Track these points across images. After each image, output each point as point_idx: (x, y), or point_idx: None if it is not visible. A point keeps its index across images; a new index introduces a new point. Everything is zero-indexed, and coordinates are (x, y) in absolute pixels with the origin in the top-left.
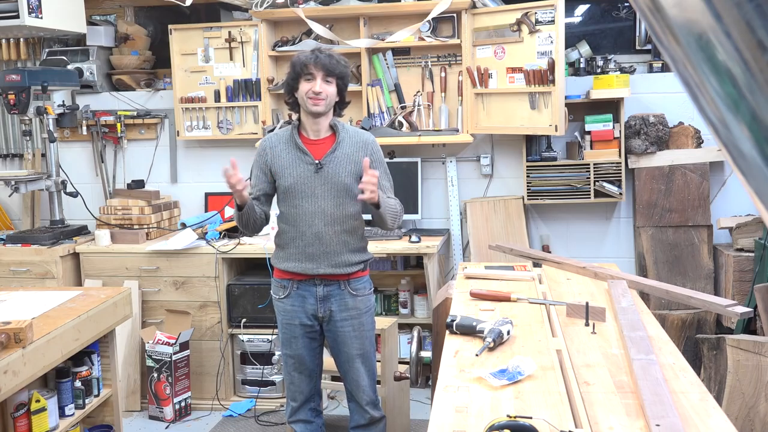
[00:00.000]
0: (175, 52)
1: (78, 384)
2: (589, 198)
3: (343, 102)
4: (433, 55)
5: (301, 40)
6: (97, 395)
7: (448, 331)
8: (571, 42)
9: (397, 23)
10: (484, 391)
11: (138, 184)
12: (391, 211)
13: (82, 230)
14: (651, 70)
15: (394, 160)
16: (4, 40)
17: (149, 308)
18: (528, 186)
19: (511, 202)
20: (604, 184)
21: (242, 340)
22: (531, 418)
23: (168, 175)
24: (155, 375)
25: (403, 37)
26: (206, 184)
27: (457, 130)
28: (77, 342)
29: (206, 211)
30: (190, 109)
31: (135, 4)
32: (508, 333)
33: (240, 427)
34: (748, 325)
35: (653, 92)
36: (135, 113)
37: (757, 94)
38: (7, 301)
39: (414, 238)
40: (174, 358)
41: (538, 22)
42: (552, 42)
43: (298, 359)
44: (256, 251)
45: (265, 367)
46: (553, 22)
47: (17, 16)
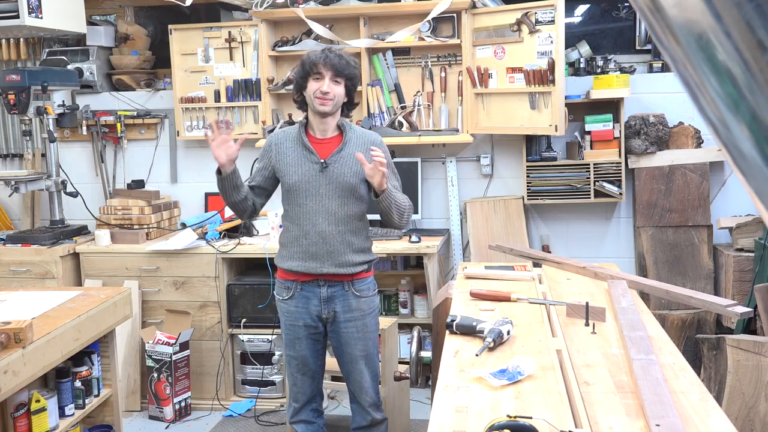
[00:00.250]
0: (175, 52)
1: (78, 384)
2: (589, 198)
3: (352, 103)
4: (433, 55)
5: (301, 40)
6: (97, 395)
7: (448, 331)
8: (571, 42)
9: (397, 23)
10: (484, 391)
11: (138, 184)
12: (398, 205)
13: (82, 230)
14: (651, 70)
15: (394, 160)
16: (4, 40)
17: (149, 308)
18: (528, 186)
19: (511, 202)
20: (604, 184)
21: (242, 340)
22: (531, 418)
23: (168, 175)
24: (155, 375)
25: (403, 37)
26: (206, 184)
27: (457, 130)
28: (77, 342)
29: (206, 211)
30: (190, 109)
31: (135, 4)
32: (508, 333)
33: (240, 427)
34: (748, 325)
35: (653, 92)
36: (135, 113)
37: (757, 94)
38: (7, 301)
39: (414, 238)
40: (174, 358)
41: (538, 22)
42: (552, 42)
43: (301, 360)
44: (256, 251)
45: (265, 367)
46: (553, 22)
47: (17, 16)
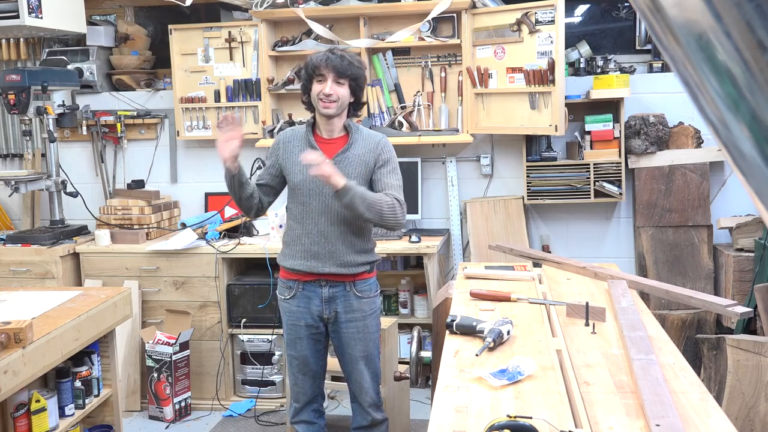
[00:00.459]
0: (175, 52)
1: (78, 384)
2: (589, 198)
3: (359, 103)
4: (433, 55)
5: (301, 40)
6: (97, 395)
7: (448, 331)
8: (571, 42)
9: (397, 23)
10: (484, 391)
11: (138, 184)
12: (365, 200)
13: (82, 230)
14: (651, 70)
15: None
16: (4, 40)
17: (149, 308)
18: (528, 186)
19: (511, 202)
20: (604, 184)
21: (242, 340)
22: (531, 418)
23: (168, 175)
24: (155, 375)
25: (403, 37)
26: (206, 184)
27: (457, 130)
28: (77, 342)
29: (206, 211)
30: (190, 109)
31: (135, 4)
32: (508, 333)
33: (240, 427)
34: (748, 325)
35: (653, 92)
36: (135, 113)
37: (757, 94)
38: (7, 301)
39: (414, 238)
40: (174, 358)
41: (538, 22)
42: (552, 42)
43: (302, 360)
44: (256, 251)
45: (265, 367)
46: (553, 22)
47: (17, 16)
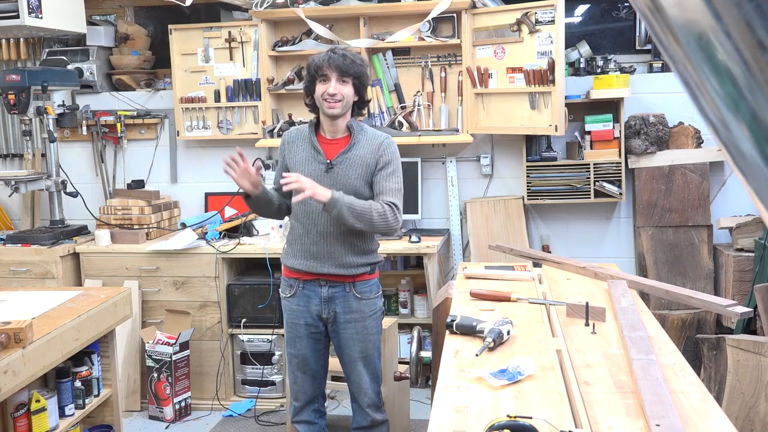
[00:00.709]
0: (175, 52)
1: (78, 384)
2: (589, 198)
3: (363, 101)
4: (433, 55)
5: (301, 40)
6: (97, 395)
7: (448, 331)
8: (571, 42)
9: (397, 23)
10: (484, 391)
11: (138, 184)
12: (353, 211)
13: (82, 230)
14: (651, 70)
15: None
16: (4, 40)
17: (149, 308)
18: (528, 186)
19: (511, 202)
20: (604, 184)
21: (242, 340)
22: (531, 418)
23: (168, 175)
24: (155, 375)
25: (403, 37)
26: (206, 184)
27: (457, 130)
28: (77, 342)
29: (206, 211)
30: (190, 109)
31: (135, 4)
32: (508, 333)
33: (240, 427)
34: (748, 325)
35: (653, 92)
36: (135, 113)
37: (757, 94)
38: (7, 301)
39: (414, 238)
40: (174, 358)
41: (538, 22)
42: (552, 42)
43: (301, 359)
44: (256, 251)
45: (265, 367)
46: (553, 22)
47: (17, 16)
